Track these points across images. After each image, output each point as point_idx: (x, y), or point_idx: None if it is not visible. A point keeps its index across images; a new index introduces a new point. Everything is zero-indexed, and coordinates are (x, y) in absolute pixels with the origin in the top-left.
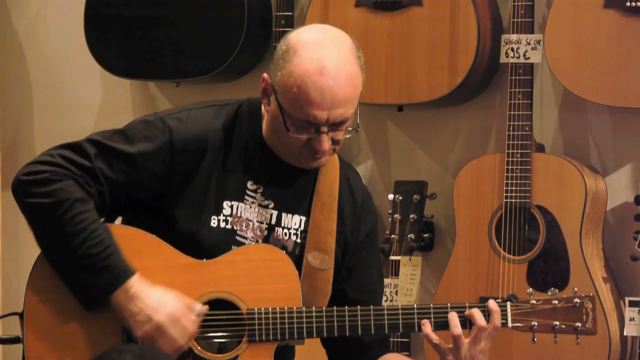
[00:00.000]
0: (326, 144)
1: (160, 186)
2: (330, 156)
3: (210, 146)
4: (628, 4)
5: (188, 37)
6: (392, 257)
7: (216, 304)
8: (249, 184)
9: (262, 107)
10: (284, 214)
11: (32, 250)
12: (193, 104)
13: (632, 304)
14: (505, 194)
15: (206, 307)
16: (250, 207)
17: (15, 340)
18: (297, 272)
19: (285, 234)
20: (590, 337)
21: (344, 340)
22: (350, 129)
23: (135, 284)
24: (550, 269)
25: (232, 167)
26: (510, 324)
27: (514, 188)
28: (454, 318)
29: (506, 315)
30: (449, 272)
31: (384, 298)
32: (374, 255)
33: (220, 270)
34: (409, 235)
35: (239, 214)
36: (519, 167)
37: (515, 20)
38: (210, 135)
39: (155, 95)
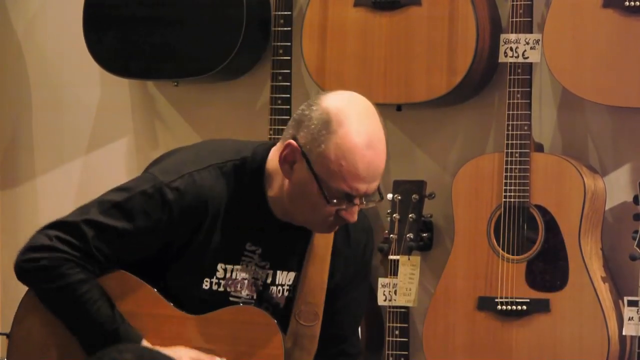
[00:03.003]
0: (356, 214)
1: (156, 254)
2: None
3: (210, 213)
4: (627, 3)
5: (187, 37)
6: (391, 257)
7: None
8: (248, 245)
9: (267, 163)
10: (278, 272)
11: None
12: (194, 151)
13: (631, 303)
14: (504, 194)
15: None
16: (247, 266)
17: None
18: (282, 339)
19: (279, 290)
20: (589, 337)
21: None
22: (372, 199)
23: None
24: (549, 269)
25: (232, 230)
26: None
27: (512, 188)
28: None
29: None
30: (447, 271)
31: (383, 298)
32: (360, 295)
33: (205, 326)
34: (407, 235)
35: (233, 276)
36: (517, 166)
37: (514, 19)
38: (210, 202)
39: (154, 94)
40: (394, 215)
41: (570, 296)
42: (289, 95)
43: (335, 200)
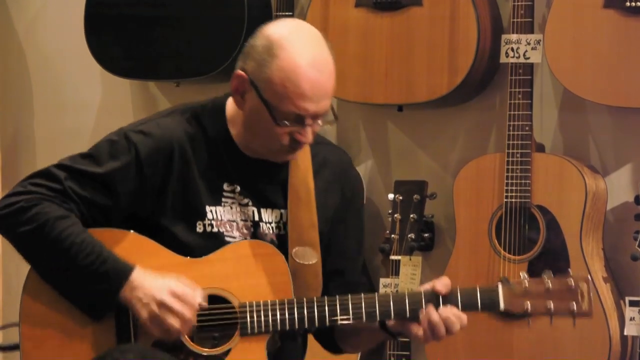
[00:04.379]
0: (310, 135)
1: (136, 201)
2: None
3: (177, 154)
4: (628, 4)
5: (188, 37)
6: (393, 257)
7: (209, 301)
8: (225, 186)
9: (227, 105)
10: (262, 210)
11: None
12: (158, 112)
13: (632, 303)
14: (505, 194)
15: (204, 291)
16: (231, 207)
17: (15, 347)
18: (287, 264)
19: (268, 228)
20: (591, 337)
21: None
22: (327, 120)
23: (137, 276)
24: (550, 269)
25: (205, 172)
26: (502, 306)
27: (514, 188)
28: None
29: (498, 296)
30: (449, 271)
31: None
32: (355, 225)
33: (212, 267)
34: (409, 235)
35: (220, 217)
36: (519, 167)
37: (515, 20)
38: (175, 142)
39: (155, 95)
40: (395, 215)
41: None
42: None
43: (286, 122)
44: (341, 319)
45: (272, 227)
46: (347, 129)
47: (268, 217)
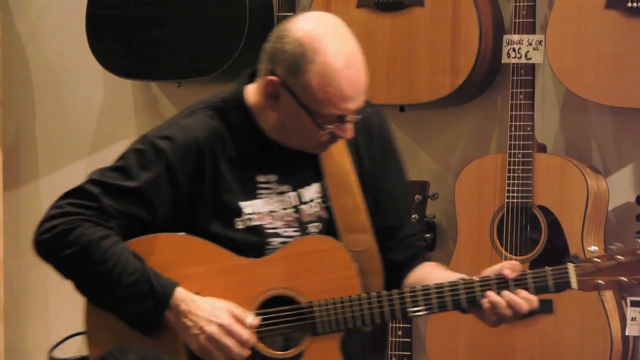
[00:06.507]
0: (350, 131)
1: (174, 209)
2: None
3: (206, 153)
4: (629, 4)
5: (190, 38)
6: None
7: (275, 302)
8: (260, 178)
9: (247, 96)
10: (300, 190)
11: (33, 249)
12: (179, 112)
13: (634, 303)
14: (507, 194)
15: (259, 319)
16: (270, 198)
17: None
18: (350, 257)
19: (312, 206)
20: (592, 338)
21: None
22: (365, 110)
23: (183, 298)
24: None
25: (236, 167)
26: (574, 286)
27: (515, 188)
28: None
29: (569, 276)
30: None
31: None
32: (396, 175)
33: (274, 267)
34: None
35: (259, 210)
36: (520, 167)
37: (517, 20)
38: (202, 142)
39: (156, 95)
40: None
41: (573, 297)
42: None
43: (328, 126)
44: (414, 312)
45: (318, 203)
46: None
47: (309, 195)
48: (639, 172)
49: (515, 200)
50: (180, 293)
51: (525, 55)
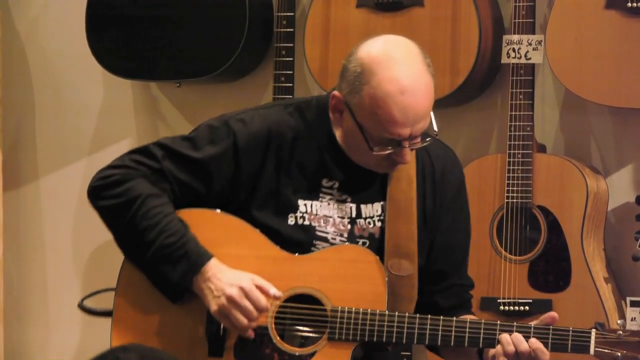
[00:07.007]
0: (408, 156)
1: (229, 189)
2: None
3: (275, 145)
4: (629, 4)
5: (189, 38)
6: None
7: (302, 299)
8: (324, 182)
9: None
10: (362, 205)
11: (33, 249)
12: (260, 105)
13: (634, 304)
14: (506, 194)
15: (281, 292)
16: (329, 203)
17: (107, 313)
18: (385, 275)
19: (369, 222)
20: None
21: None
22: (428, 136)
23: (212, 267)
24: (551, 269)
25: (303, 165)
26: (591, 352)
27: (515, 188)
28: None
29: (589, 342)
30: None
31: None
32: (457, 225)
33: (311, 266)
34: None
35: (314, 212)
36: (520, 167)
37: (517, 20)
38: (273, 133)
39: (156, 95)
40: None
41: (572, 297)
42: (291, 97)
43: (378, 147)
44: (428, 340)
45: (374, 221)
46: None
47: (369, 212)
48: (638, 172)
49: (515, 200)
50: (213, 264)
51: (525, 56)
